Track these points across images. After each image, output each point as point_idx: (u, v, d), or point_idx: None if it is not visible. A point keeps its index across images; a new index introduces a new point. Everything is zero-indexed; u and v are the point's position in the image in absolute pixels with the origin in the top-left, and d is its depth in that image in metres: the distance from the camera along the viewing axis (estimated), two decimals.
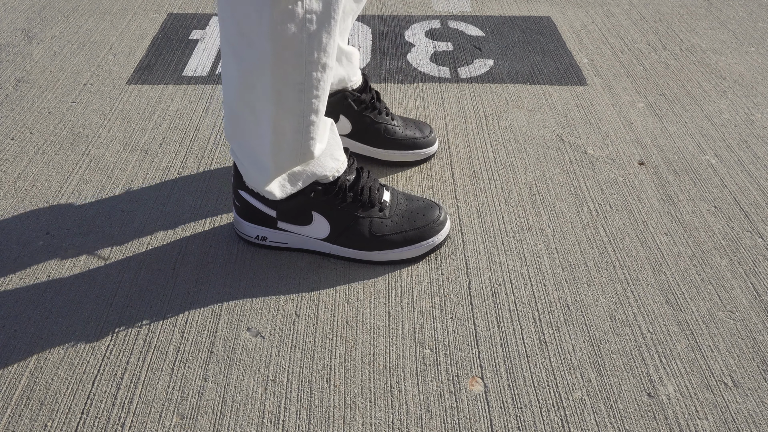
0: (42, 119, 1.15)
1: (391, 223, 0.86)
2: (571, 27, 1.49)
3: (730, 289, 0.85)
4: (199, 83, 1.25)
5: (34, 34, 1.42)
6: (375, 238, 0.85)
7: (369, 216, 0.85)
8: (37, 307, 0.81)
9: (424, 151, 1.04)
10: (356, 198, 0.84)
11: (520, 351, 0.77)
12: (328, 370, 0.75)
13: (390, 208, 0.87)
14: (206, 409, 0.71)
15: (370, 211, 0.85)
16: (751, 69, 1.34)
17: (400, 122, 1.04)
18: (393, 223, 0.86)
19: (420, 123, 1.06)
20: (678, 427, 0.70)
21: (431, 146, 1.04)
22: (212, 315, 0.81)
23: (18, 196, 0.98)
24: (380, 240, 0.85)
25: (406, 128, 1.04)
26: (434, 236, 0.87)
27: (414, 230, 0.86)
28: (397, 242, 0.86)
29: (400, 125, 1.03)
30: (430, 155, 1.05)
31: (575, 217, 0.96)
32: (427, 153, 1.04)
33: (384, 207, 0.87)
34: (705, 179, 1.04)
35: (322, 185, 0.82)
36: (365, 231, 0.85)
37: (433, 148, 1.05)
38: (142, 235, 0.91)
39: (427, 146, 1.04)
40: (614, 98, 1.23)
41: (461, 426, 0.69)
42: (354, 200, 0.84)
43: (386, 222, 0.86)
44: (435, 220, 0.87)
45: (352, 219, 0.84)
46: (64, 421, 0.69)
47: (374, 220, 0.86)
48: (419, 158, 1.04)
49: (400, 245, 0.86)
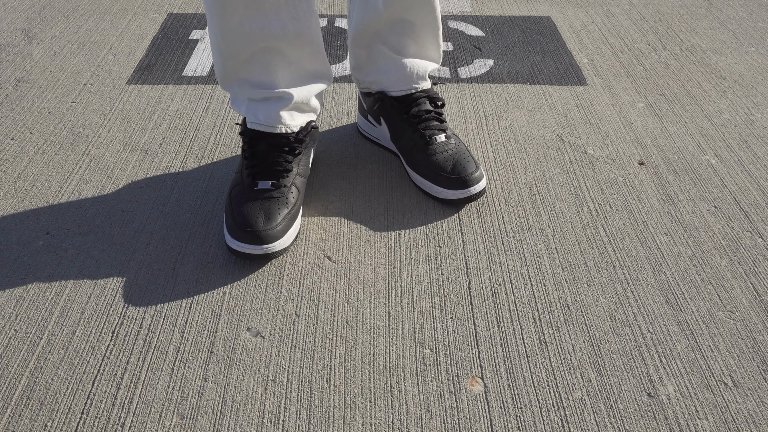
0: (42, 119, 1.15)
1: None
2: (571, 27, 1.49)
3: (730, 289, 0.85)
4: (199, 83, 1.25)
5: (34, 34, 1.42)
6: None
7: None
8: (37, 307, 0.81)
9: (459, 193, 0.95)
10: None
11: (520, 351, 0.77)
12: (328, 370, 0.75)
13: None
14: (206, 409, 0.71)
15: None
16: (751, 69, 1.34)
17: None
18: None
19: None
20: (678, 427, 0.70)
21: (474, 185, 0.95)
22: (212, 315, 0.81)
23: (18, 196, 0.98)
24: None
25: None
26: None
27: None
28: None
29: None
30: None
31: (575, 217, 0.96)
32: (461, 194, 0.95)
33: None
34: (705, 179, 1.04)
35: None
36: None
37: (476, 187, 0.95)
38: (142, 235, 0.91)
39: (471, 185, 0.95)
40: (614, 98, 1.23)
41: (461, 426, 0.69)
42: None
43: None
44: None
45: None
46: (64, 421, 0.69)
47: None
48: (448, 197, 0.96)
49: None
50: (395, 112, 1.00)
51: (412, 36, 0.97)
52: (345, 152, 1.08)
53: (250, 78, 0.88)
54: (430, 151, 0.97)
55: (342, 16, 1.53)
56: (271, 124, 0.90)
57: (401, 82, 0.99)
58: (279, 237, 0.85)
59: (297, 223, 0.90)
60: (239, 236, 0.84)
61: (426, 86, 1.01)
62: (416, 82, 1.00)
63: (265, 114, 0.90)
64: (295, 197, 0.90)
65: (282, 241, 0.86)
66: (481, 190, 0.95)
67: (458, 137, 1.04)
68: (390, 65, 0.98)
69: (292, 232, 0.88)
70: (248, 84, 0.89)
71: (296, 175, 0.92)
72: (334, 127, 1.15)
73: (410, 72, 0.99)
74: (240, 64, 0.87)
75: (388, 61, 0.98)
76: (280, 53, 0.86)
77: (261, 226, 0.84)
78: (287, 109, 0.90)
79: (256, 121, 0.90)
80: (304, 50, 0.88)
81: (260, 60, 0.86)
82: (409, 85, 0.99)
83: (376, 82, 1.01)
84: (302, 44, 0.87)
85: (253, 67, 0.87)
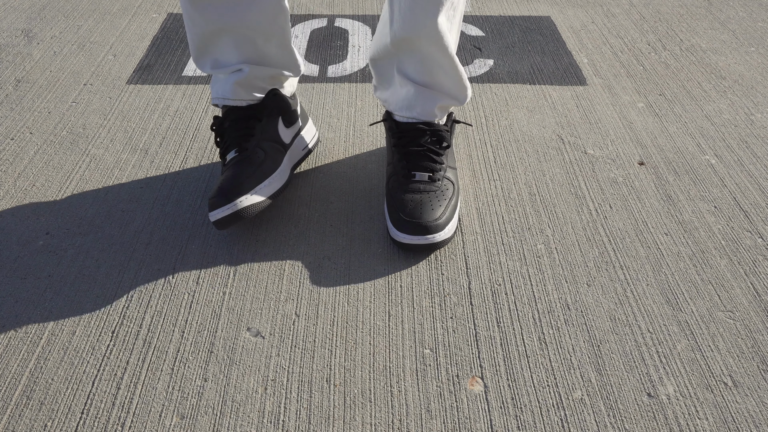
0: (42, 119, 1.15)
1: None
2: (571, 27, 1.49)
3: (730, 289, 0.85)
4: (199, 83, 1.25)
5: (34, 34, 1.42)
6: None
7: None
8: (37, 307, 0.81)
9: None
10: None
11: (520, 351, 0.77)
12: (328, 370, 0.75)
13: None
14: (206, 409, 0.71)
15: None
16: (751, 69, 1.34)
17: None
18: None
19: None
20: (678, 427, 0.70)
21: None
22: (212, 315, 0.81)
23: (18, 196, 0.98)
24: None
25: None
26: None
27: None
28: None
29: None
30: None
31: (575, 217, 0.96)
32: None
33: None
34: (705, 179, 1.04)
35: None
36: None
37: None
38: (142, 235, 0.91)
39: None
40: (614, 98, 1.23)
41: (461, 426, 0.69)
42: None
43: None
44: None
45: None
46: (64, 421, 0.69)
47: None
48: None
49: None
50: (391, 135, 0.96)
51: (425, 66, 0.90)
52: (345, 152, 1.08)
53: (219, 57, 0.92)
54: (404, 187, 0.91)
55: (342, 16, 1.54)
56: (226, 96, 0.93)
57: (406, 109, 0.93)
58: (244, 193, 0.85)
59: (269, 182, 0.90)
60: (212, 205, 0.85)
61: (430, 120, 0.94)
62: (421, 115, 0.93)
63: (222, 87, 0.93)
64: (261, 158, 0.91)
65: (248, 197, 0.86)
66: (436, 242, 0.86)
67: (455, 184, 0.94)
68: (401, 90, 0.93)
69: (262, 191, 0.88)
70: (217, 63, 0.92)
71: (261, 140, 0.93)
72: (334, 127, 1.15)
73: (416, 101, 0.92)
74: (207, 43, 0.90)
75: (399, 85, 0.94)
76: (246, 37, 0.89)
77: (227, 187, 0.86)
78: (241, 82, 0.92)
79: (216, 96, 0.94)
80: (270, 42, 0.91)
81: (226, 41, 0.90)
82: (411, 114, 0.93)
83: (386, 102, 0.97)
84: (267, 37, 0.90)
85: (220, 48, 0.91)
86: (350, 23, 1.50)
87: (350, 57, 1.36)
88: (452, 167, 0.96)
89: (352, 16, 1.54)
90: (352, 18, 1.53)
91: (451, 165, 0.96)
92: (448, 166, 0.95)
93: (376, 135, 1.12)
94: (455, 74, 0.90)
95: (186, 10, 0.87)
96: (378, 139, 1.11)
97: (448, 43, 0.86)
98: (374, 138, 1.12)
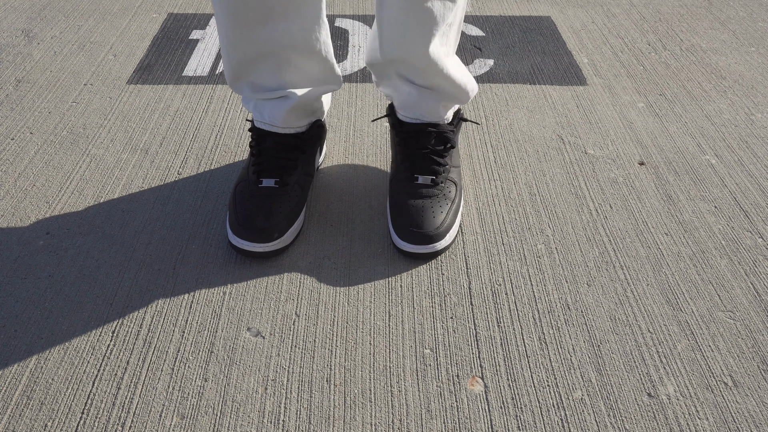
0: (42, 119, 1.15)
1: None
2: (571, 27, 1.49)
3: (730, 289, 0.85)
4: (199, 83, 1.25)
5: (34, 34, 1.42)
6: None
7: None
8: (37, 307, 0.81)
9: None
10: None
11: (520, 351, 0.77)
12: (328, 370, 0.75)
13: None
14: (206, 409, 0.71)
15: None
16: (751, 69, 1.34)
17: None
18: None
19: None
20: (678, 427, 0.70)
21: None
22: (212, 315, 0.81)
23: (18, 196, 0.98)
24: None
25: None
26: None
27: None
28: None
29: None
30: None
31: (575, 217, 0.96)
32: None
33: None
34: (705, 179, 1.04)
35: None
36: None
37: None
38: (142, 235, 0.91)
39: None
40: (614, 98, 1.23)
41: (461, 426, 0.69)
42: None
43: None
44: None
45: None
46: (64, 421, 0.69)
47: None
48: None
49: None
50: (395, 132, 0.95)
51: (424, 76, 0.87)
52: (345, 152, 1.08)
53: (257, 80, 0.88)
54: (406, 190, 0.90)
55: (342, 16, 1.54)
56: (275, 123, 0.90)
57: (409, 108, 0.92)
58: (280, 235, 0.85)
59: (299, 221, 0.90)
60: (240, 233, 0.84)
61: (435, 121, 0.93)
62: (424, 115, 0.92)
63: (270, 113, 0.90)
64: (297, 196, 0.90)
65: (283, 239, 0.86)
66: (438, 251, 0.87)
67: (457, 185, 0.94)
68: (402, 88, 0.91)
69: (293, 231, 0.88)
70: (255, 86, 0.89)
71: (300, 174, 0.92)
72: (334, 127, 1.15)
73: (419, 101, 0.90)
74: (247, 67, 0.86)
75: (399, 85, 0.91)
76: (287, 59, 0.86)
77: (261, 224, 0.84)
78: (291, 109, 0.90)
79: (261, 119, 0.91)
80: (312, 58, 0.87)
81: (267, 64, 0.86)
82: (415, 114, 0.92)
83: (389, 96, 0.96)
84: (309, 53, 0.86)
85: (259, 71, 0.87)
86: (350, 23, 1.50)
87: (350, 57, 1.36)
88: (456, 166, 0.96)
89: (352, 16, 1.54)
90: (352, 18, 1.53)
91: (455, 164, 0.96)
92: (452, 165, 0.94)
93: (376, 135, 1.12)
94: (456, 82, 0.89)
95: (226, 37, 0.83)
96: (378, 139, 1.11)
97: (444, 65, 0.84)
98: (374, 138, 1.12)
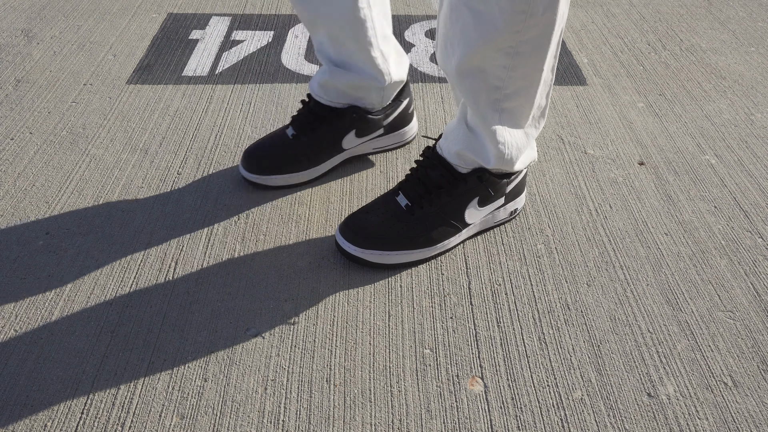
0: (42, 119, 1.15)
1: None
2: (571, 27, 1.49)
3: (730, 289, 0.85)
4: (199, 83, 1.25)
5: (34, 34, 1.42)
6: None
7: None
8: (37, 307, 0.81)
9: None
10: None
11: (520, 351, 0.77)
12: (328, 370, 0.75)
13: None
14: (206, 409, 0.71)
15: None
16: (751, 69, 1.34)
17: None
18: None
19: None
20: (678, 427, 0.70)
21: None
22: (212, 315, 0.81)
23: (18, 196, 0.98)
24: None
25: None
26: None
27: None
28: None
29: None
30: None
31: (575, 217, 0.96)
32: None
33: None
34: (705, 179, 1.04)
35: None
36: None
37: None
38: (142, 235, 0.91)
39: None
40: (614, 98, 1.23)
41: (461, 426, 0.69)
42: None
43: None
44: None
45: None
46: (64, 421, 0.69)
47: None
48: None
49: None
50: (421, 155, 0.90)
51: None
52: None
53: (319, 43, 0.97)
54: (385, 197, 0.89)
55: None
56: (312, 87, 0.99)
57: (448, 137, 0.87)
58: (270, 173, 0.98)
59: (296, 176, 1.00)
60: (243, 158, 0.99)
61: (453, 164, 0.86)
62: (442, 148, 0.87)
63: (314, 77, 0.99)
64: (306, 156, 1.00)
65: (271, 178, 0.98)
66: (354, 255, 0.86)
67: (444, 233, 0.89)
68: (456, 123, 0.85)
69: (284, 179, 0.99)
70: (320, 46, 0.97)
71: (326, 141, 1.00)
72: None
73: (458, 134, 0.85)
74: (311, 29, 0.95)
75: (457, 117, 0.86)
76: (337, 38, 0.94)
77: (257, 154, 0.99)
78: (324, 83, 0.97)
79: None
80: (356, 42, 0.93)
81: (323, 35, 0.94)
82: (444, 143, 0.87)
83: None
84: (354, 36, 0.93)
85: (318, 38, 0.96)
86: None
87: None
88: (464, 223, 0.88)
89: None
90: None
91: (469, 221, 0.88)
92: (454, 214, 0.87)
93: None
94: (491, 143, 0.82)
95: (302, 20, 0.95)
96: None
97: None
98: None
